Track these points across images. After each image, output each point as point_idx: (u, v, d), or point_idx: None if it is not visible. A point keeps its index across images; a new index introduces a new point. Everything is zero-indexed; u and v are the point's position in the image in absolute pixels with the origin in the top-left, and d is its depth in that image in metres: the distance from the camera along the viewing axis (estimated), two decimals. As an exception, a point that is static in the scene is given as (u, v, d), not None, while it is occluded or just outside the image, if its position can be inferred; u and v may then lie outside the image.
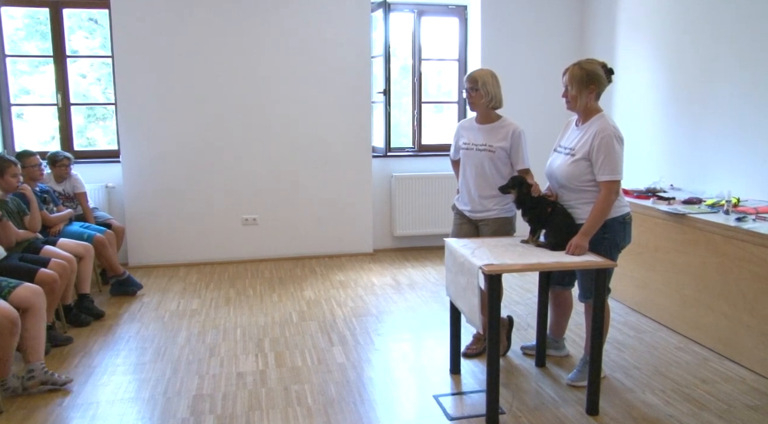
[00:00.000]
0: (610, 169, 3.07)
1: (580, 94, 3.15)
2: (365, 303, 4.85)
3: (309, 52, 5.97)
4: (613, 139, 3.07)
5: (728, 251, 3.72)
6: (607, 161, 3.06)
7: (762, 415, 3.08)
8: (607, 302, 3.29)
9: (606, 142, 3.06)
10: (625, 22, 5.80)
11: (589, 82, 3.14)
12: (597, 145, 3.09)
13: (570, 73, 3.17)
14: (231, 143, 5.94)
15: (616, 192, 3.10)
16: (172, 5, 5.64)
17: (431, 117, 6.78)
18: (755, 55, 4.35)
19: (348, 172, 6.21)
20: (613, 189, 3.08)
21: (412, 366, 3.72)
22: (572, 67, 3.19)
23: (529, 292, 4.93)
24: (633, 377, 3.52)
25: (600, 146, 3.08)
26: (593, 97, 3.19)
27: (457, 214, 3.81)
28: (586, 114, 3.22)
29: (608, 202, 3.09)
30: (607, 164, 3.06)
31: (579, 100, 3.17)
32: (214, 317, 4.54)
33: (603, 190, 3.09)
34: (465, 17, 6.54)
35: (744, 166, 4.47)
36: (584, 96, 3.16)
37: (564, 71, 3.22)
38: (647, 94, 5.51)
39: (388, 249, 6.54)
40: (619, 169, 3.09)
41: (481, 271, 2.85)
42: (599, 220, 3.09)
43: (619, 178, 3.09)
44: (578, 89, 3.14)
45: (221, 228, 6.02)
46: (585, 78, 3.14)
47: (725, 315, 3.76)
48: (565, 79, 3.19)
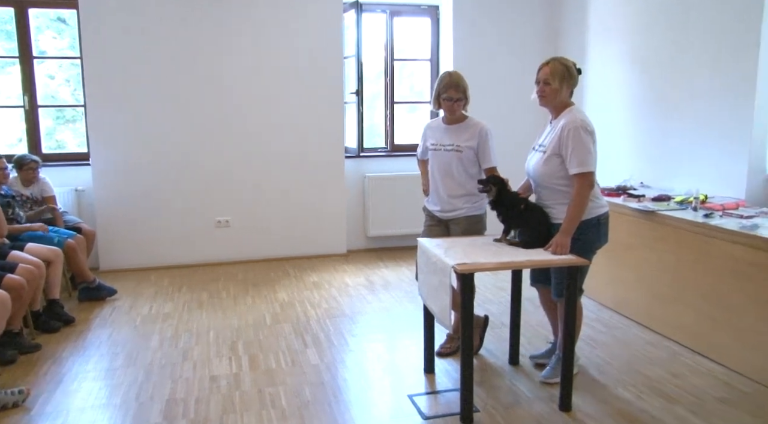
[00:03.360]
0: (579, 160, 3.06)
1: (561, 87, 3.16)
2: (339, 304, 4.83)
3: (281, 53, 5.94)
4: (580, 131, 3.07)
5: (697, 247, 3.78)
6: (575, 153, 3.06)
7: (731, 407, 3.14)
8: (579, 301, 3.32)
9: (573, 135, 3.07)
10: (596, 23, 5.86)
11: (569, 77, 3.18)
12: (564, 137, 3.10)
13: (551, 67, 3.17)
14: (203, 145, 5.88)
15: (590, 185, 3.08)
16: (142, 6, 5.57)
17: (404, 117, 6.79)
18: (722, 55, 4.43)
19: (321, 173, 6.19)
20: (585, 182, 3.06)
21: (387, 366, 3.72)
22: (552, 61, 3.20)
23: (503, 290, 4.96)
24: (606, 373, 3.55)
25: (567, 139, 3.08)
26: (568, 93, 3.22)
27: (428, 215, 3.82)
28: (559, 109, 3.24)
29: (583, 197, 3.07)
30: (576, 156, 3.06)
31: (559, 94, 3.17)
32: (187, 320, 4.48)
33: (576, 184, 3.08)
34: (437, 17, 6.57)
35: (711, 163, 4.55)
36: (563, 91, 3.18)
37: (540, 66, 3.23)
38: (618, 93, 5.58)
39: (361, 250, 6.54)
40: (589, 161, 3.06)
41: (454, 270, 2.86)
42: (577, 216, 3.08)
43: (590, 170, 3.07)
44: (560, 83, 3.15)
45: (194, 231, 5.96)
46: (566, 73, 3.17)
47: (695, 311, 3.82)
48: (544, 73, 3.19)
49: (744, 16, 4.22)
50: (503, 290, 4.96)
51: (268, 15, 5.86)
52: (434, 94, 3.63)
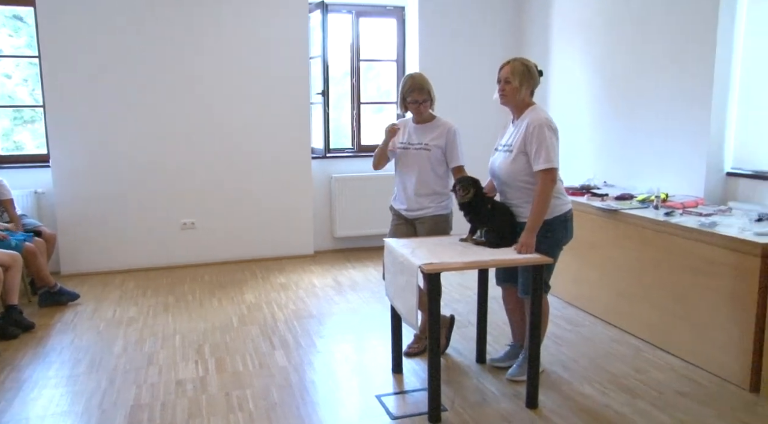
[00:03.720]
0: (544, 157, 3.09)
1: (522, 86, 3.20)
2: (306, 305, 4.81)
3: (246, 53, 5.89)
4: (545, 128, 3.11)
5: (658, 245, 3.86)
6: (540, 150, 3.10)
7: (691, 400, 3.21)
8: (546, 298, 3.37)
9: (538, 132, 3.11)
10: (558, 25, 5.95)
11: (529, 76, 3.22)
12: (530, 135, 3.13)
13: (512, 66, 3.21)
14: (167, 146, 5.80)
15: (553, 180, 3.11)
16: (103, 4, 5.46)
17: (371, 117, 6.79)
18: (680, 58, 4.53)
19: (287, 173, 6.15)
20: (549, 178, 3.10)
21: (355, 367, 3.72)
22: (513, 61, 3.24)
23: (469, 289, 5.00)
24: (571, 370, 3.60)
25: (532, 135, 3.12)
26: (529, 93, 3.26)
27: (395, 214, 3.83)
28: (520, 108, 3.27)
29: (546, 193, 3.11)
30: (541, 153, 3.09)
31: (519, 93, 3.21)
32: (152, 324, 4.42)
33: (539, 180, 3.11)
34: (403, 18, 6.59)
35: (671, 162, 4.65)
36: (524, 89, 3.21)
37: (502, 65, 3.27)
38: (581, 94, 5.67)
39: (329, 250, 6.52)
40: (553, 158, 3.10)
41: (420, 270, 2.87)
42: (541, 213, 3.11)
43: (554, 166, 3.10)
44: (520, 82, 3.19)
45: (159, 233, 5.87)
46: (527, 72, 3.21)
47: (657, 307, 3.90)
48: (505, 72, 3.23)
49: (700, 21, 4.32)
50: (470, 289, 5.00)
51: (233, 15, 5.80)
52: (399, 98, 3.65)
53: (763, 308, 3.19)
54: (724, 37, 4.23)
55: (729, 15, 4.21)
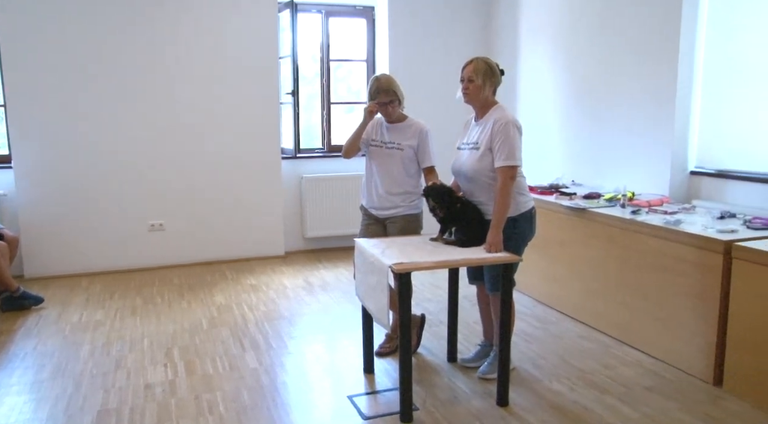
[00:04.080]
0: (506, 154, 3.12)
1: (485, 84, 3.24)
2: (277, 306, 4.79)
3: (215, 53, 5.83)
4: (510, 126, 3.15)
5: (625, 243, 3.92)
6: (503, 147, 3.13)
7: (657, 394, 3.27)
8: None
9: (503, 129, 3.14)
10: (527, 25, 6.01)
11: (492, 75, 3.26)
12: (496, 132, 3.16)
13: (474, 65, 3.25)
14: (134, 145, 5.71)
15: (513, 178, 3.14)
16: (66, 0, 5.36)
17: (342, 117, 6.78)
18: (645, 59, 4.61)
19: (257, 174, 6.11)
20: (509, 175, 3.13)
21: (326, 368, 3.71)
22: (476, 60, 3.28)
23: (440, 289, 5.02)
24: (541, 367, 3.64)
25: (497, 132, 3.15)
26: (492, 91, 3.30)
27: (365, 214, 3.83)
28: (484, 107, 3.31)
29: (507, 190, 3.13)
30: (503, 150, 3.13)
31: (482, 91, 3.24)
32: (119, 327, 4.35)
33: (500, 177, 3.14)
34: (372, 18, 6.59)
35: (637, 161, 4.73)
36: (487, 87, 3.25)
37: (464, 65, 3.30)
38: (549, 94, 5.73)
39: (299, 251, 6.49)
40: (516, 155, 3.14)
41: (391, 270, 2.87)
42: (504, 210, 3.14)
43: (515, 164, 3.13)
44: (483, 80, 3.23)
45: (126, 235, 5.78)
46: (489, 71, 3.25)
47: (624, 303, 3.96)
48: (467, 71, 3.26)
49: (664, 23, 4.41)
50: (440, 289, 5.02)
51: (201, 14, 5.74)
52: (368, 100, 3.65)
53: (726, 303, 3.26)
54: (686, 40, 4.32)
55: (691, 18, 4.30)
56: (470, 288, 3.73)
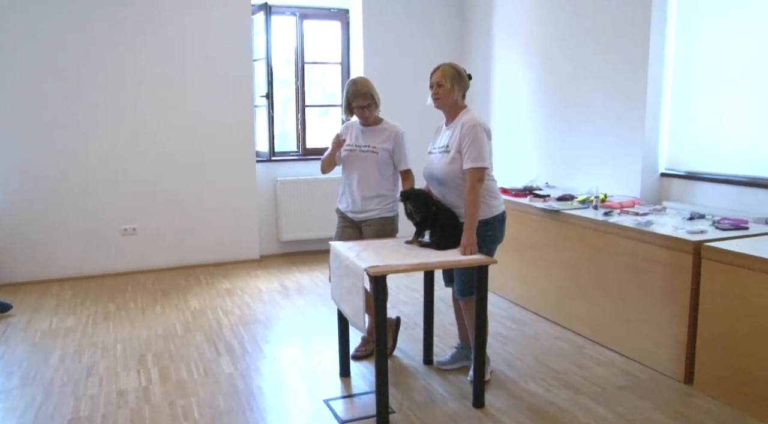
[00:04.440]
0: (474, 156, 3.15)
1: (453, 88, 3.27)
2: (253, 310, 4.75)
3: (189, 55, 5.78)
4: (478, 128, 3.19)
5: (598, 244, 3.97)
6: (471, 149, 3.16)
7: (630, 394, 3.31)
8: None
9: (471, 131, 3.18)
10: (500, 28, 6.05)
11: (460, 79, 3.30)
12: (463, 134, 3.20)
13: (442, 70, 3.30)
14: (106, 149, 5.63)
15: (481, 180, 3.17)
16: (34, 3, 5.26)
17: (317, 120, 6.77)
18: (616, 63, 4.67)
19: (231, 177, 6.07)
20: (477, 177, 3.16)
21: (302, 372, 3.69)
22: (443, 65, 3.33)
23: (416, 291, 5.03)
24: (516, 369, 3.67)
25: (465, 135, 3.19)
26: (461, 95, 3.34)
27: (341, 216, 3.82)
28: (454, 111, 3.34)
29: (476, 192, 3.16)
30: (471, 152, 3.16)
31: (451, 96, 3.28)
32: (91, 334, 4.28)
33: (469, 179, 3.17)
34: (347, 21, 6.59)
35: (609, 164, 4.80)
36: (456, 91, 3.29)
37: (433, 70, 3.35)
38: (523, 97, 5.78)
39: (275, 255, 6.46)
40: (484, 157, 3.16)
41: (366, 273, 2.87)
42: (475, 212, 3.16)
43: (483, 166, 3.16)
44: (452, 84, 3.27)
45: (98, 239, 5.69)
46: (457, 75, 3.29)
47: (597, 304, 4.01)
48: (436, 77, 3.31)
49: (634, 30, 4.48)
50: (416, 291, 5.03)
51: (174, 16, 5.69)
52: (344, 103, 3.66)
53: (696, 303, 3.32)
54: (655, 46, 4.40)
55: (660, 24, 4.38)
56: (446, 290, 3.74)
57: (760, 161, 3.89)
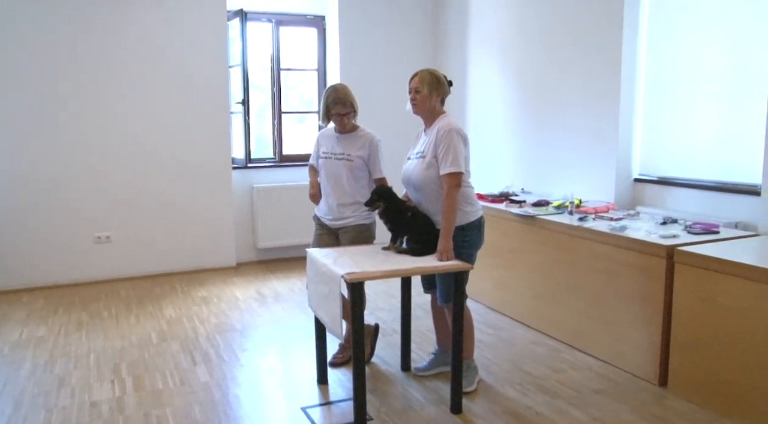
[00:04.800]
0: (450, 161, 3.15)
1: (431, 95, 3.27)
2: (229, 318, 4.71)
3: (163, 61, 5.73)
4: (454, 133, 3.18)
5: (573, 249, 4.01)
6: (446, 154, 3.16)
7: (606, 397, 3.34)
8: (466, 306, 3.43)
9: (446, 136, 3.17)
10: (476, 35, 6.10)
11: (438, 85, 3.29)
12: (439, 139, 3.20)
13: (420, 76, 3.30)
14: (79, 155, 5.55)
15: (458, 185, 3.17)
16: (11, 7, 5.18)
17: (294, 127, 6.75)
18: (589, 70, 4.74)
19: (207, 184, 6.02)
20: (453, 183, 3.15)
21: (279, 380, 3.67)
22: (422, 71, 3.32)
23: (393, 297, 5.03)
24: (493, 374, 3.68)
25: (441, 140, 3.18)
26: (439, 101, 3.34)
27: (318, 224, 3.81)
28: (431, 117, 3.34)
29: (453, 197, 3.15)
30: (447, 157, 3.15)
31: (429, 101, 3.27)
32: (63, 344, 4.21)
33: (445, 184, 3.16)
34: (323, 28, 6.59)
35: (584, 169, 4.85)
36: (434, 97, 3.28)
37: (412, 76, 3.34)
38: (498, 103, 5.83)
39: (251, 262, 6.41)
40: (459, 162, 3.16)
41: (343, 279, 2.87)
42: (452, 217, 3.16)
43: (459, 171, 3.15)
44: (429, 90, 3.26)
45: (70, 248, 5.60)
46: (435, 81, 3.29)
47: (573, 308, 4.04)
48: (414, 82, 3.30)
49: (607, 38, 4.54)
50: (393, 297, 5.02)
51: (149, 21, 5.64)
52: (322, 110, 3.64)
53: (669, 306, 3.37)
54: (628, 54, 4.47)
55: (632, 32, 4.45)
56: (423, 296, 3.75)
57: (729, 167, 3.97)
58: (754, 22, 3.76)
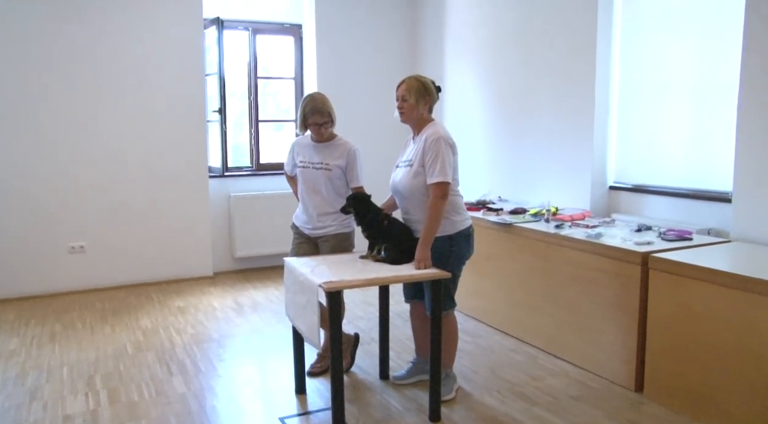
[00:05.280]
0: (437, 170, 3.11)
1: (418, 103, 3.24)
2: (206, 328, 4.67)
3: (139, 69, 5.68)
4: (442, 142, 3.15)
5: (550, 256, 4.04)
6: (434, 163, 3.13)
7: (583, 403, 3.37)
8: (453, 315, 3.44)
9: (434, 145, 3.14)
10: (452, 43, 6.15)
11: (425, 93, 3.27)
12: (426, 148, 3.17)
13: (407, 84, 3.25)
14: (52, 163, 5.47)
15: (444, 195, 3.14)
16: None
17: (271, 135, 6.73)
18: (564, 79, 4.80)
19: (184, 193, 5.97)
20: (439, 192, 3.12)
21: (257, 390, 3.64)
22: (409, 79, 3.28)
23: (371, 306, 5.02)
24: (472, 381, 3.69)
25: (428, 149, 3.15)
26: (427, 109, 3.31)
27: (296, 233, 3.80)
28: (419, 125, 3.31)
29: (439, 206, 3.13)
30: (434, 166, 3.12)
31: (416, 110, 3.24)
32: (36, 356, 4.13)
33: (432, 193, 3.14)
34: (300, 36, 6.59)
35: (560, 177, 4.90)
36: (421, 106, 3.26)
37: (399, 84, 3.30)
38: (475, 112, 5.87)
39: (229, 271, 6.37)
40: (447, 172, 3.12)
41: (321, 288, 2.86)
42: (434, 227, 3.14)
43: (445, 180, 3.12)
44: (416, 99, 3.23)
45: (43, 258, 5.51)
46: (422, 89, 3.26)
47: (550, 315, 4.07)
48: (401, 90, 3.26)
49: (582, 49, 4.61)
50: (372, 306, 5.02)
51: (125, 29, 5.59)
52: (300, 119, 3.62)
53: (644, 312, 3.41)
54: (602, 64, 4.54)
55: (605, 44, 4.53)
56: (402, 305, 3.75)
57: (700, 175, 4.05)
58: (723, 34, 3.84)
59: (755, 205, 3.54)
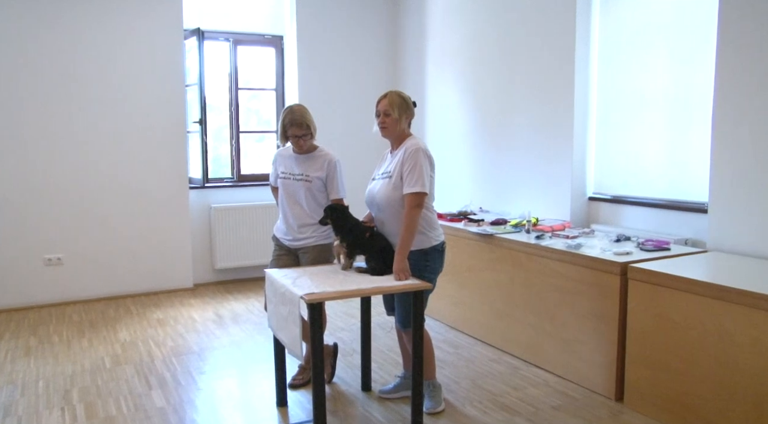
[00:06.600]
0: (413, 180, 3.12)
1: (401, 118, 3.26)
2: (186, 341, 4.62)
3: (118, 79, 5.64)
4: (420, 153, 3.17)
5: (530, 267, 4.06)
6: (411, 174, 3.13)
7: (564, 413, 3.38)
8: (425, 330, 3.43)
9: (412, 156, 3.16)
10: (433, 56, 6.20)
11: (407, 108, 3.29)
12: (405, 158, 3.18)
13: (389, 99, 3.26)
14: (29, 174, 5.40)
15: (420, 205, 3.14)
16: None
17: (252, 146, 6.71)
18: (544, 92, 4.85)
19: (163, 204, 5.92)
20: (414, 203, 3.12)
21: (238, 403, 3.60)
22: (390, 93, 3.30)
23: (353, 317, 5.01)
24: (453, 392, 3.69)
25: (407, 159, 3.17)
26: (407, 123, 3.33)
27: (277, 244, 3.78)
28: (399, 139, 3.32)
29: (414, 217, 3.13)
30: (411, 176, 3.13)
31: (399, 124, 3.26)
32: (10, 370, 4.06)
33: (407, 204, 3.14)
34: (281, 47, 6.60)
35: (540, 188, 4.95)
36: (403, 120, 3.28)
37: (379, 99, 3.30)
38: (456, 123, 5.91)
39: (209, 283, 6.32)
40: (423, 182, 3.13)
41: (302, 300, 2.85)
42: (410, 237, 3.13)
43: (422, 191, 3.13)
44: (400, 113, 3.25)
45: (18, 270, 5.42)
46: (404, 104, 3.28)
47: (530, 325, 4.09)
48: (383, 105, 3.26)
49: (561, 64, 4.68)
50: (353, 317, 5.01)
51: (104, 39, 5.56)
52: (280, 130, 3.62)
53: (624, 322, 3.44)
54: (580, 78, 4.61)
55: (584, 58, 4.59)
56: (383, 316, 3.75)
57: (677, 186, 4.11)
58: (698, 46, 3.92)
59: (730, 216, 3.60)
